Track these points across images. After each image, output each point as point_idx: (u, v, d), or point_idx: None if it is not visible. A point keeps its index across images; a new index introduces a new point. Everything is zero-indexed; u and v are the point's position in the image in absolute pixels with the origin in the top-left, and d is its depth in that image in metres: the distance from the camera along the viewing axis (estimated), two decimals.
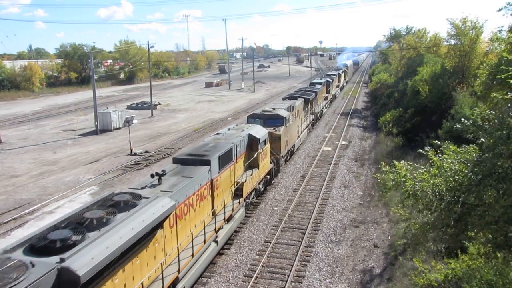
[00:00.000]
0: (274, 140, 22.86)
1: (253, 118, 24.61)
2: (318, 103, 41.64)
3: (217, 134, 18.63)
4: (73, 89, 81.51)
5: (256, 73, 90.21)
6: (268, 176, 21.83)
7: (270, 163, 21.89)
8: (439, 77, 31.06)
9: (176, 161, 14.52)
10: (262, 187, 20.85)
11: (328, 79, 53.55)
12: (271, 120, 24.16)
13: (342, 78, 72.54)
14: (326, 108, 48.77)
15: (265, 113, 25.07)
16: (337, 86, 64.99)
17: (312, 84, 46.64)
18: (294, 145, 28.34)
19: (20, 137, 38.25)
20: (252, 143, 18.85)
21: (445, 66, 32.70)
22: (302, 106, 32.00)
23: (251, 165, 18.77)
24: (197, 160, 14.26)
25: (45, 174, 26.67)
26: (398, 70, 53.80)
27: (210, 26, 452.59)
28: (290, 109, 27.27)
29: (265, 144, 20.25)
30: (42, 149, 33.40)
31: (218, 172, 14.96)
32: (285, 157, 25.85)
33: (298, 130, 29.77)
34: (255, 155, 18.82)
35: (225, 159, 15.64)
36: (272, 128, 23.21)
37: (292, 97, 33.30)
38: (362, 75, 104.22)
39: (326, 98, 49.17)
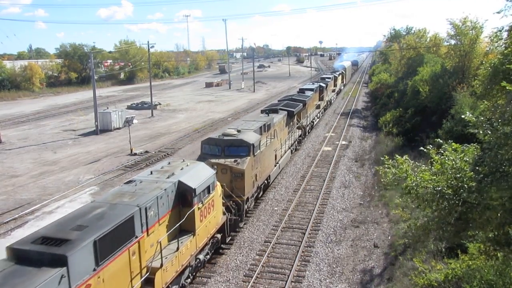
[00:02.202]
0: (235, 177, 16.77)
1: (208, 145, 18.17)
2: (308, 113, 34.99)
3: (129, 182, 12.11)
4: (73, 89, 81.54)
5: (256, 73, 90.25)
6: (219, 236, 15.14)
7: (224, 213, 15.31)
8: (439, 77, 31.12)
9: (12, 255, 8.25)
10: (209, 252, 14.61)
11: (322, 84, 45.82)
12: (233, 148, 17.72)
13: (339, 81, 65.74)
14: (318, 118, 42.00)
15: (225, 137, 18.09)
16: (333, 91, 58.19)
17: (301, 91, 38.99)
18: (269, 176, 21.68)
19: (20, 137, 38.25)
20: (185, 195, 12.34)
21: (445, 66, 32.78)
22: (284, 121, 25.93)
23: (184, 228, 12.52)
24: (46, 255, 8.00)
25: (45, 174, 26.68)
26: (398, 70, 53.92)
27: (210, 26, 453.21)
28: (264, 129, 21.17)
29: (209, 192, 13.56)
30: (42, 149, 33.41)
31: (95, 270, 8.65)
32: (255, 195, 19.61)
33: (276, 155, 23.06)
34: (188, 214, 12.22)
35: (116, 239, 9.31)
36: (233, 160, 17.19)
37: (272, 110, 26.29)
38: (362, 75, 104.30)
39: (318, 107, 42.17)
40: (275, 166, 22.84)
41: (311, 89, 39.94)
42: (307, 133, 35.15)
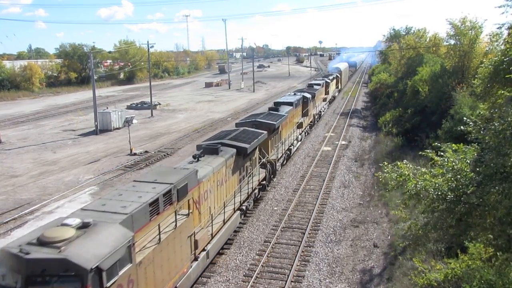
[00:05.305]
0: None
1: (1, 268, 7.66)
2: (282, 139, 25.12)
3: None
4: (73, 89, 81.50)
5: (256, 73, 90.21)
6: None
7: None
8: (438, 77, 31.09)
9: None
10: None
11: (306, 94, 34.61)
12: (46, 280, 7.34)
13: (331, 88, 54.84)
14: (298, 141, 30.64)
15: (31, 255, 7.40)
16: (324, 100, 47.53)
17: (275, 108, 27.60)
18: None
19: (20, 137, 38.22)
20: None
21: (445, 66, 32.75)
22: (228, 167, 16.21)
23: None
24: None
25: (45, 174, 26.66)
26: (398, 70, 53.82)
27: (210, 26, 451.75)
28: (169, 199, 11.10)
29: None
30: (42, 149, 33.38)
31: None
32: None
33: (196, 242, 12.64)
34: None
35: None
36: None
37: (208, 148, 15.96)
38: (362, 75, 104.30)
39: (300, 125, 31.56)
40: (195, 260, 12.80)
41: (290, 103, 29.11)
42: (277, 170, 23.53)
